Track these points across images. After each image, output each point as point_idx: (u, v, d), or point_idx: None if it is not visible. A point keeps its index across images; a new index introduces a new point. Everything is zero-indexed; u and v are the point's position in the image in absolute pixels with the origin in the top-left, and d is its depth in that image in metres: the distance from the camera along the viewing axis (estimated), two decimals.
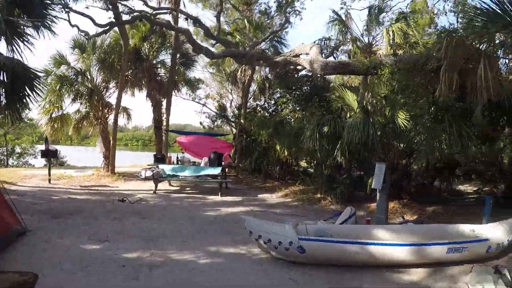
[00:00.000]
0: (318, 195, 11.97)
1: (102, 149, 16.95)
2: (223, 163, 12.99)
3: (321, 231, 6.78)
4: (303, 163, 17.28)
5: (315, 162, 13.38)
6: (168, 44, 18.70)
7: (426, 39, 16.51)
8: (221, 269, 5.78)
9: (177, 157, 14.04)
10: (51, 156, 14.63)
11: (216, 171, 12.62)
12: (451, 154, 10.47)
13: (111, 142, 16.45)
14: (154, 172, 12.66)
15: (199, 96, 24.98)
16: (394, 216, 9.80)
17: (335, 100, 12.25)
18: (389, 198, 9.09)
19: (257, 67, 18.80)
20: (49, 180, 13.97)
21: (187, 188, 13.78)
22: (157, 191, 12.54)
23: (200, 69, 26.34)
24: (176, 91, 20.52)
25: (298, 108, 16.02)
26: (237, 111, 20.01)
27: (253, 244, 6.63)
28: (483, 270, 5.49)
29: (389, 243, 6.10)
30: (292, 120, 15.87)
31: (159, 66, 19.35)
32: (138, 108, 25.55)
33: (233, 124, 20.49)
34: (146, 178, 12.72)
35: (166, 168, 12.93)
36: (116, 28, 16.06)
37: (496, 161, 13.76)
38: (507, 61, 9.52)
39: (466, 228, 7.01)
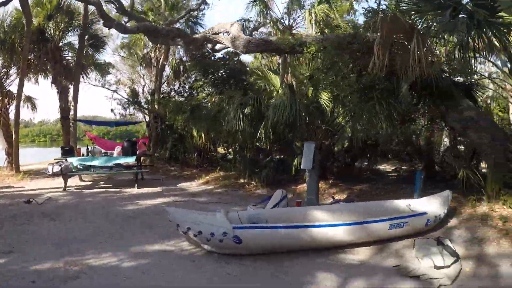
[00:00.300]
0: (242, 180, 11.41)
1: (4, 145, 15.06)
2: (137, 151, 11.98)
3: (255, 217, 6.17)
4: (220, 149, 16.61)
5: (236, 146, 12.70)
6: (76, 24, 16.90)
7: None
8: (149, 271, 4.96)
9: (87, 148, 12.69)
10: None
11: (130, 160, 11.55)
12: (375, 134, 10.31)
13: (14, 136, 14.62)
14: (62, 166, 11.36)
15: (110, 82, 23.14)
16: (323, 196, 9.58)
17: (258, 80, 11.80)
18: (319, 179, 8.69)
19: (171, 50, 17.71)
20: None
21: (100, 182, 12.57)
22: (67, 188, 11.13)
23: (111, 53, 24.48)
24: (84, 75, 18.68)
25: (214, 92, 15.26)
26: (150, 97, 18.69)
27: (180, 238, 5.89)
28: (425, 243, 5.49)
29: (330, 224, 5.72)
30: (209, 104, 15.11)
31: (66, 48, 17.58)
32: (44, 97, 22.42)
33: (146, 111, 19.18)
34: (54, 174, 11.54)
35: (75, 161, 11.63)
36: (18, 5, 14.17)
37: (412, 141, 14.13)
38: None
39: (402, 204, 6.91)
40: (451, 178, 9.95)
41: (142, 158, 12.93)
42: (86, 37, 16.93)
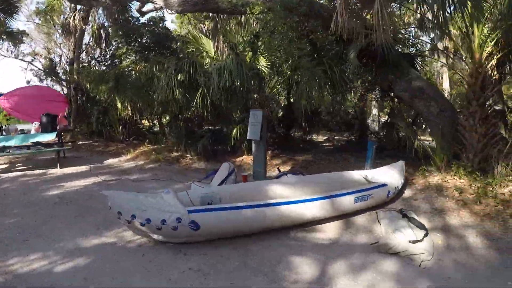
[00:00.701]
0: (175, 154, 10.51)
1: None
2: (58, 127, 10.66)
3: (208, 197, 5.41)
4: (145, 122, 15.45)
5: (167, 117, 11.63)
6: None
7: None
8: (91, 274, 3.96)
9: (1, 127, 11.20)
10: None
11: (50, 137, 10.27)
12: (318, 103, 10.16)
13: None
14: None
15: (23, 52, 20.76)
16: (267, 168, 8.84)
17: (189, 46, 10.89)
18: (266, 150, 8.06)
19: (91, 16, 15.95)
20: None
21: (18, 164, 11.00)
22: None
23: (24, 19, 21.76)
24: None
25: (139, 59, 14.04)
26: (68, 67, 16.87)
27: (121, 226, 5.01)
28: (391, 216, 5.36)
29: (300, 200, 5.09)
30: (133, 72, 13.86)
31: None
32: None
33: (64, 82, 17.38)
34: None
35: None
36: None
37: (345, 111, 14.07)
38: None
39: (359, 175, 6.64)
40: (393, 148, 9.96)
41: (62, 134, 11.55)
42: None
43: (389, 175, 6.41)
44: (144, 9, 15.08)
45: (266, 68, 8.95)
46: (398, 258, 4.32)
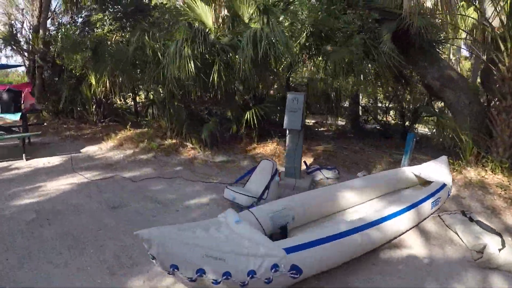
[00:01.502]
0: (170, 141, 8.64)
1: None
2: (23, 106, 8.58)
3: (279, 217, 4.07)
4: (118, 100, 13.50)
5: (164, 94, 9.48)
6: None
7: None
8: None
9: None
10: None
11: (13, 118, 8.21)
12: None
13: None
14: None
15: None
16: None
17: (182, 16, 9.28)
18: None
19: None
20: None
21: None
22: None
23: None
24: None
25: (117, 27, 12.10)
26: (32, 35, 14.50)
27: (154, 266, 3.37)
28: (458, 220, 4.88)
29: (394, 213, 4.07)
30: (109, 42, 11.76)
31: None
32: None
33: (26, 54, 15.01)
34: None
35: None
36: None
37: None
38: None
39: (410, 173, 5.79)
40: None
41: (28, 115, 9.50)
42: None
43: (439, 172, 5.49)
44: None
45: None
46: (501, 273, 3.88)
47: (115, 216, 4.91)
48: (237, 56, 7.41)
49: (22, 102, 8.45)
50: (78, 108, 11.71)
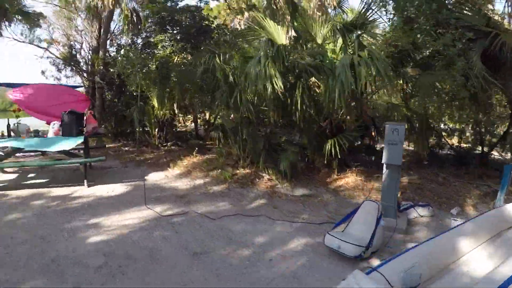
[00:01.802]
0: (243, 170, 7.88)
1: None
2: (85, 129, 7.86)
3: (409, 275, 3.19)
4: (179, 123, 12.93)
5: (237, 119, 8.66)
6: None
7: None
8: None
9: (8, 125, 8.11)
10: None
11: (75, 142, 7.45)
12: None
13: None
14: None
15: (39, 37, 18.04)
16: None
17: (249, 33, 8.63)
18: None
19: None
20: None
21: (30, 175, 8.45)
22: None
23: (42, 1, 18.76)
24: (6, 23, 13.61)
25: (180, 48, 11.58)
26: (92, 55, 14.21)
27: None
28: None
29: None
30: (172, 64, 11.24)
31: None
32: None
33: (85, 74, 14.81)
34: None
35: None
36: None
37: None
38: None
39: None
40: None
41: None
42: None
43: None
44: None
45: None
46: None
47: (200, 267, 4.12)
48: (327, 81, 6.63)
49: (84, 124, 7.88)
50: (138, 129, 11.16)
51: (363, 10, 7.35)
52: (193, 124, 13.70)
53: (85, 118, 7.95)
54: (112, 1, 12.27)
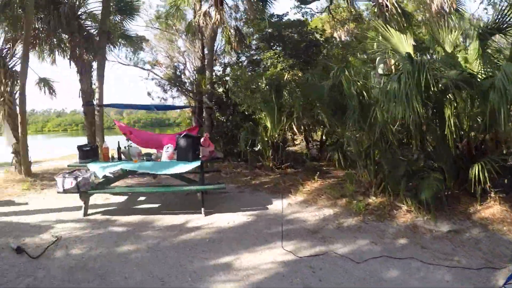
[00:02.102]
0: (374, 199, 7.07)
1: (12, 140, 11.24)
2: (200, 153, 7.49)
3: None
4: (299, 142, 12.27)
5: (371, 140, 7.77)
6: None
7: None
8: None
9: (119, 148, 7.95)
10: None
11: (192, 166, 7.06)
12: None
13: (20, 129, 10.75)
14: (79, 180, 6.87)
15: (143, 60, 18.75)
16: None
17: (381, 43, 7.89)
18: None
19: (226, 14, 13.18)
20: None
21: (140, 199, 8.27)
22: (88, 212, 7.09)
23: (143, 25, 19.63)
24: (112, 47, 14.20)
25: (291, 65, 11.06)
26: (197, 76, 14.24)
27: None
28: None
29: None
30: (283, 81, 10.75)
31: (85, 17, 13.24)
32: (69, 82, 16.74)
33: (191, 95, 14.90)
34: (66, 192, 6.97)
35: (100, 169, 7.05)
36: None
37: None
38: None
39: None
40: None
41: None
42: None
43: None
44: None
45: None
46: None
47: None
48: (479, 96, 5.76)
49: (200, 148, 7.60)
50: (248, 150, 10.76)
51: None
52: (302, 143, 13.14)
53: (201, 141, 7.66)
54: (216, 21, 12.14)
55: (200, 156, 7.37)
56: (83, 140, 13.34)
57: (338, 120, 7.75)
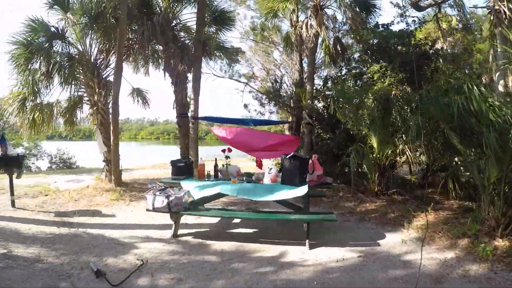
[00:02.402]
0: (502, 241, 5.94)
1: (103, 148, 11.41)
2: (307, 177, 6.65)
3: None
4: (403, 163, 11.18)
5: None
6: None
7: None
8: None
9: (216, 166, 7.38)
10: (12, 166, 8.73)
11: (299, 192, 6.24)
12: None
13: (112, 138, 10.80)
14: (171, 199, 6.36)
15: (239, 72, 18.52)
16: None
17: None
18: None
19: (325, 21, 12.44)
20: (13, 202, 8.78)
21: (235, 221, 7.75)
22: (178, 235, 6.66)
23: (238, 36, 19.29)
24: (207, 58, 13.86)
25: (397, 79, 10.04)
26: (296, 89, 13.63)
27: None
28: None
29: None
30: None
31: (179, 28, 13.12)
32: (166, 92, 16.60)
33: (288, 109, 14.31)
34: (156, 210, 6.51)
35: (197, 191, 6.49)
36: None
37: None
38: None
39: None
40: None
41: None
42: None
43: None
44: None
45: None
46: None
47: None
48: None
49: (308, 172, 6.83)
50: (353, 174, 9.87)
51: None
52: (404, 166, 11.99)
53: (310, 164, 6.88)
54: (316, 31, 11.45)
55: (307, 180, 6.61)
56: (175, 150, 13.27)
57: (467, 145, 6.70)
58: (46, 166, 21.96)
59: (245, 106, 16.41)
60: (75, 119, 12.17)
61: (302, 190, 6.23)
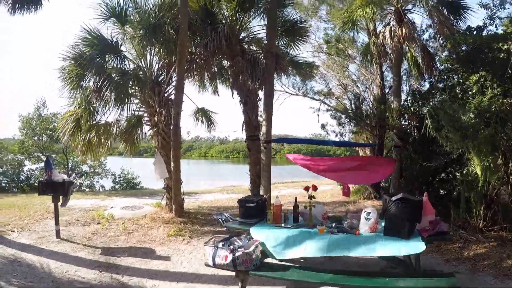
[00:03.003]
0: None
1: (164, 174, 10.32)
2: (418, 225, 5.02)
3: None
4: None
5: None
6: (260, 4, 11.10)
7: None
8: None
9: (296, 205, 5.92)
10: (57, 192, 7.88)
11: (411, 249, 4.57)
12: None
13: (172, 164, 9.75)
14: (237, 255, 4.73)
15: (313, 89, 17.05)
16: None
17: None
18: None
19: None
20: (57, 232, 8.05)
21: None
22: None
23: (310, 50, 17.76)
24: (280, 73, 12.14)
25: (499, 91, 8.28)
26: (379, 107, 12.01)
27: None
28: None
29: None
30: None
31: (247, 40, 11.71)
32: (231, 111, 14.87)
33: (369, 128, 12.67)
34: (217, 267, 4.91)
35: (279, 250, 5.06)
36: None
37: None
38: None
39: None
40: None
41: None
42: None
43: None
44: None
45: None
46: None
47: None
48: None
49: (420, 216, 5.11)
50: (462, 209, 8.11)
51: None
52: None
53: (423, 207, 5.10)
54: (401, 36, 9.87)
55: (417, 230, 5.01)
56: (244, 169, 11.85)
57: None
58: (110, 185, 21.60)
59: (323, 126, 14.85)
60: (135, 139, 11.22)
61: (417, 247, 4.57)
